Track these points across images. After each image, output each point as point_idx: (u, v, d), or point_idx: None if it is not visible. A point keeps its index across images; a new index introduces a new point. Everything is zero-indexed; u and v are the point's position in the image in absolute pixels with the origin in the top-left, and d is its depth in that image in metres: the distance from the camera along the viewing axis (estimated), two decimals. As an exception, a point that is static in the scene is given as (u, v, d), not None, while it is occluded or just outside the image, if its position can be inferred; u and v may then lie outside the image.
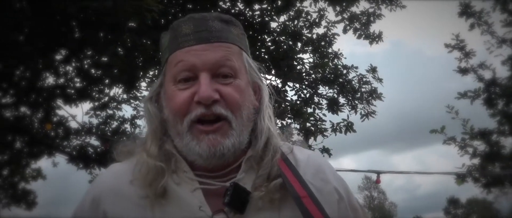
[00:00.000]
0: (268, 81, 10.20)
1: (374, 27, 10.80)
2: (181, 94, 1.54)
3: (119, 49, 6.77)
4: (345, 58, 10.52)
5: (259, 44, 9.75)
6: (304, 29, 10.49)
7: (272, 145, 1.62)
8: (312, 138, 9.96)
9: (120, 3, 4.35)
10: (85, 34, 5.83)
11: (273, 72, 10.00)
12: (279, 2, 9.65)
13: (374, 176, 9.82)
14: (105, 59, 7.79)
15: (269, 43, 10.16)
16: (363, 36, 10.72)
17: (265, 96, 1.67)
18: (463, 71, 11.91)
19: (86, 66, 8.97)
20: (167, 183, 1.56)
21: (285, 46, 10.18)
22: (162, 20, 7.87)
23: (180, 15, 7.29)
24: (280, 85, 10.28)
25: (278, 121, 10.29)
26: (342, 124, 10.14)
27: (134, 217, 1.55)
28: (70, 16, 5.21)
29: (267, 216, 1.55)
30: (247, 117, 1.58)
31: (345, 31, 10.68)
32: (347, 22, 10.72)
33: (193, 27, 1.59)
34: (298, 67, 10.26)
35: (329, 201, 1.61)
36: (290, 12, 10.15)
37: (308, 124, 10.01)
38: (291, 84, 10.44)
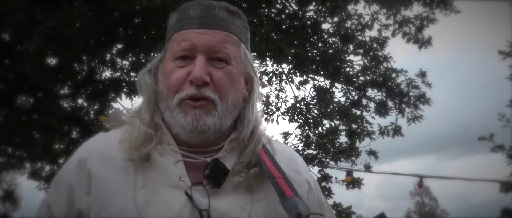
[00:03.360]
0: (316, 82, 10.30)
1: (428, 32, 10.68)
2: (177, 72, 1.67)
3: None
4: (395, 61, 10.46)
5: (308, 45, 9.81)
6: (356, 31, 10.49)
7: (257, 135, 1.75)
8: (358, 140, 9.99)
9: (169, 1, 4.53)
10: (136, 31, 6.08)
11: (321, 72, 10.08)
12: (331, 3, 9.67)
13: (426, 182, 9.76)
14: (155, 55, 8.03)
15: (320, 44, 10.22)
16: (413, 40, 10.65)
17: (256, 88, 1.80)
18: (516, 79, 11.69)
19: (142, 60, 9.27)
20: (152, 153, 1.68)
21: (335, 47, 10.22)
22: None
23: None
24: (328, 86, 10.35)
25: (325, 121, 10.38)
26: (390, 128, 10.14)
27: (117, 179, 1.65)
28: (123, 13, 5.46)
29: (241, 194, 1.68)
30: (233, 103, 1.69)
31: (394, 35, 10.61)
32: (396, 26, 10.67)
33: (200, 12, 1.72)
34: (348, 69, 10.28)
35: (300, 190, 1.70)
36: (342, 14, 10.16)
37: (354, 126, 10.05)
38: (339, 86, 10.46)
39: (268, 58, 9.86)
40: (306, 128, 10.54)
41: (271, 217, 1.67)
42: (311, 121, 10.26)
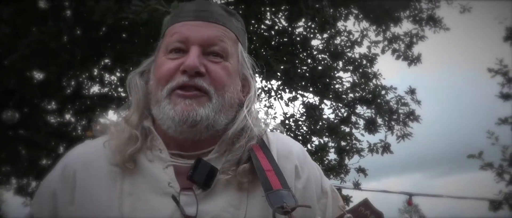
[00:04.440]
0: (305, 98, 10.27)
1: (417, 49, 10.72)
2: (169, 63, 1.59)
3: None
4: (384, 78, 10.48)
5: (297, 61, 9.80)
6: (345, 48, 10.50)
7: (248, 133, 1.63)
8: (347, 157, 9.95)
9: (155, 16, 4.50)
10: (123, 45, 6.04)
11: (311, 89, 10.05)
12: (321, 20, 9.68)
13: (415, 200, 9.74)
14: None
15: (309, 60, 10.21)
16: (402, 57, 10.66)
17: (252, 92, 1.70)
18: (505, 97, 11.71)
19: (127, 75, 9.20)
20: (140, 159, 1.60)
21: (324, 64, 10.21)
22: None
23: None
24: (317, 103, 10.32)
25: (314, 138, 10.33)
26: (379, 145, 10.10)
27: (102, 188, 1.57)
28: (110, 27, 5.42)
29: (235, 194, 1.58)
30: (229, 101, 1.60)
31: (383, 51, 10.62)
32: (386, 43, 10.67)
33: (196, 6, 1.66)
34: (337, 86, 10.27)
35: (289, 179, 1.62)
36: (331, 30, 10.18)
37: (343, 143, 10.01)
38: (328, 102, 10.44)
39: (257, 74, 9.82)
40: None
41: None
42: (300, 137, 10.19)
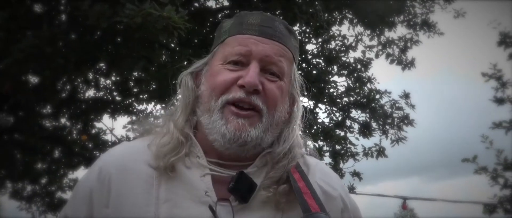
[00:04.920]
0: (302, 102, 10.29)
1: (411, 53, 10.75)
2: (227, 73, 1.57)
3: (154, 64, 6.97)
4: (379, 83, 10.51)
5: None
6: (340, 52, 10.53)
7: (292, 153, 1.63)
8: (341, 161, 9.96)
9: (149, 20, 4.51)
10: (118, 50, 6.06)
11: (305, 93, 10.06)
12: (316, 24, 9.71)
13: (411, 204, 9.76)
14: (137, 74, 8.08)
15: (304, 65, 10.23)
16: (396, 61, 10.70)
17: (297, 111, 1.70)
18: (499, 101, 11.70)
19: (123, 80, 9.23)
20: (178, 165, 1.58)
21: (319, 68, 10.24)
22: (195, 40, 8.11)
23: (211, 36, 7.47)
24: (311, 107, 10.33)
25: (309, 142, 10.32)
26: (373, 149, 10.11)
27: (138, 192, 1.55)
28: (104, 31, 5.44)
29: (270, 212, 1.57)
30: (278, 119, 1.60)
31: (377, 56, 10.66)
32: (379, 47, 10.71)
33: (260, 21, 1.64)
34: (331, 90, 10.30)
35: (333, 206, 1.63)
36: (325, 35, 10.21)
37: (338, 147, 10.03)
38: (322, 107, 10.47)
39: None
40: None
41: None
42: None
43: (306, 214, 1.49)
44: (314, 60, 10.40)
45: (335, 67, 10.55)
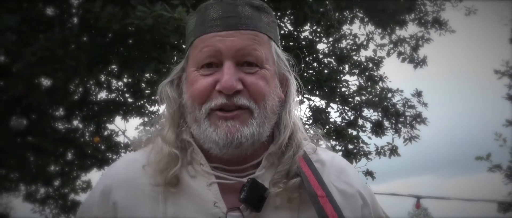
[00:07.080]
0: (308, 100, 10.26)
1: (423, 52, 10.71)
2: (203, 81, 1.48)
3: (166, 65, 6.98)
4: (390, 81, 10.47)
5: (303, 65, 9.80)
6: (351, 51, 10.50)
7: (295, 140, 1.55)
8: (354, 160, 9.93)
9: (161, 21, 4.51)
10: (129, 51, 6.09)
11: (317, 93, 10.05)
12: (327, 23, 9.69)
13: (424, 203, 9.71)
14: (148, 76, 8.09)
15: (315, 64, 10.22)
16: (408, 60, 10.65)
17: (292, 89, 1.61)
18: (512, 98, 11.66)
19: (135, 81, 9.25)
20: (182, 175, 1.51)
21: (330, 68, 10.22)
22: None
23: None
24: (323, 106, 10.32)
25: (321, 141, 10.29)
26: (386, 148, 10.08)
27: (145, 209, 1.49)
28: (115, 33, 5.46)
29: (285, 215, 1.50)
30: (271, 108, 1.51)
31: (388, 54, 10.62)
32: (391, 46, 10.68)
33: (222, 12, 1.52)
34: (343, 89, 10.27)
35: (352, 204, 1.56)
36: (336, 34, 10.19)
37: (350, 146, 10.00)
38: (334, 106, 10.43)
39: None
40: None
41: None
42: (307, 141, 10.18)
43: None
44: (325, 59, 10.36)
45: (346, 66, 10.51)
